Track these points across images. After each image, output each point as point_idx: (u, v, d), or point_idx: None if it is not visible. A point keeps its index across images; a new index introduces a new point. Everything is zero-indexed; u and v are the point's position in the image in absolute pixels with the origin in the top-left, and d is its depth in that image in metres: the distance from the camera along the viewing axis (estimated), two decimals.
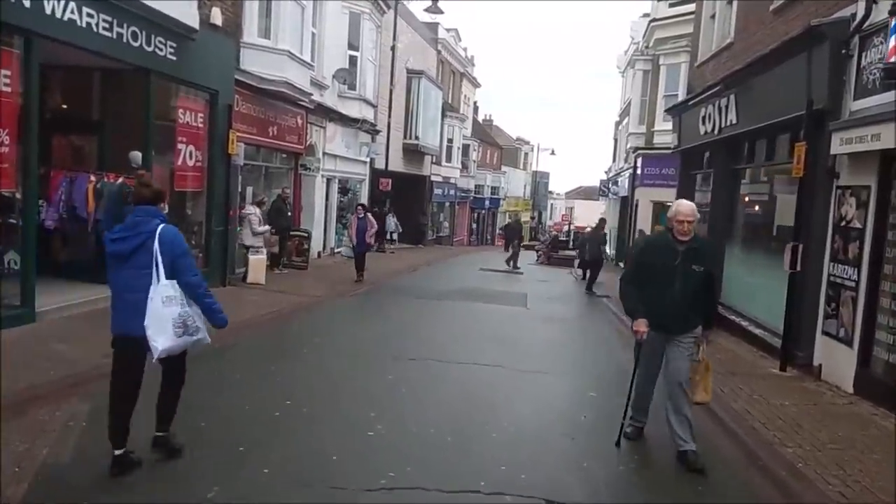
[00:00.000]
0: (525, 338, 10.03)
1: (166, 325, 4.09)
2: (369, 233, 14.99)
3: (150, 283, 4.09)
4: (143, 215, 4.22)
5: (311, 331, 9.25)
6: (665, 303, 5.05)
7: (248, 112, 13.75)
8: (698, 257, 5.10)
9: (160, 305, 4.09)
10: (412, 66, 27.49)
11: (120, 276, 4.20)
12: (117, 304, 4.25)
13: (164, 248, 4.13)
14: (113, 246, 4.20)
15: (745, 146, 11.67)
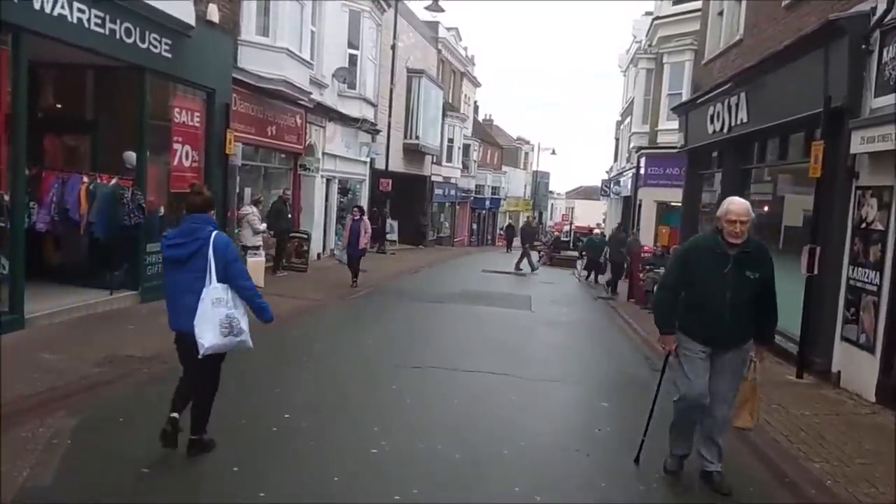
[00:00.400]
0: (531, 343, 9.74)
1: (213, 324, 4.36)
2: (363, 237, 14.24)
3: (202, 284, 4.37)
4: (198, 223, 4.52)
5: (311, 336, 8.95)
6: (714, 315, 4.47)
7: (246, 111, 13.45)
8: (753, 263, 4.50)
9: (210, 306, 4.37)
10: (412, 65, 27.19)
11: (177, 279, 4.51)
12: (174, 305, 4.57)
13: (217, 253, 4.42)
14: (171, 251, 4.52)
15: (755, 145, 11.37)
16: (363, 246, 14.24)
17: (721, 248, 4.49)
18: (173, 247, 4.52)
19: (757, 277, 4.51)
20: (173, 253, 4.51)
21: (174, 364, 6.99)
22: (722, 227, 4.51)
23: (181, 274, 4.47)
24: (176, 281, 4.53)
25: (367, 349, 8.32)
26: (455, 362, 7.88)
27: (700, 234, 4.77)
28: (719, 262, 4.46)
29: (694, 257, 4.65)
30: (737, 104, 11.33)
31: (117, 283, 9.70)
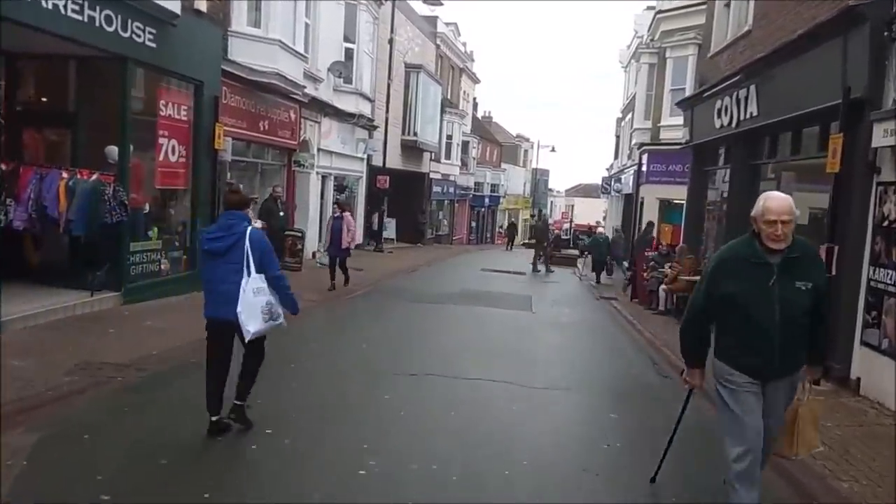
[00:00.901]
0: (533, 347, 9.29)
1: (256, 311, 4.78)
2: (347, 236, 13.02)
3: (241, 276, 4.75)
4: (234, 219, 4.92)
5: (302, 341, 8.47)
6: (761, 339, 3.64)
7: (237, 105, 13.00)
8: (802, 270, 3.70)
9: (251, 295, 4.76)
10: (410, 60, 26.70)
11: (215, 270, 4.88)
12: (213, 294, 4.92)
13: (253, 246, 4.82)
14: (210, 244, 4.90)
15: (766, 140, 10.94)
16: (346, 246, 13.16)
17: (760, 257, 3.66)
18: (212, 240, 4.90)
19: (809, 288, 3.67)
20: (213, 246, 4.88)
21: (152, 372, 6.61)
22: (759, 230, 3.69)
23: (220, 265, 4.86)
24: (215, 272, 4.90)
25: (361, 354, 7.88)
26: (454, 369, 7.43)
27: (733, 242, 3.99)
28: (760, 273, 3.64)
29: (727, 271, 3.76)
30: (746, 97, 10.89)
31: (99, 283, 9.25)
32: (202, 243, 5.07)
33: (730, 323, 3.75)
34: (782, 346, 3.66)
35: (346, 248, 13.17)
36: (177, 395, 5.85)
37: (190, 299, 10.54)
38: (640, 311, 13.42)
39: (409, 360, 7.78)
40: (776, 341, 3.64)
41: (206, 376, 5.03)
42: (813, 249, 4.03)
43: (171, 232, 11.15)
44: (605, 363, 8.89)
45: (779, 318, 3.62)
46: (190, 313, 9.44)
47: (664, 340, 10.18)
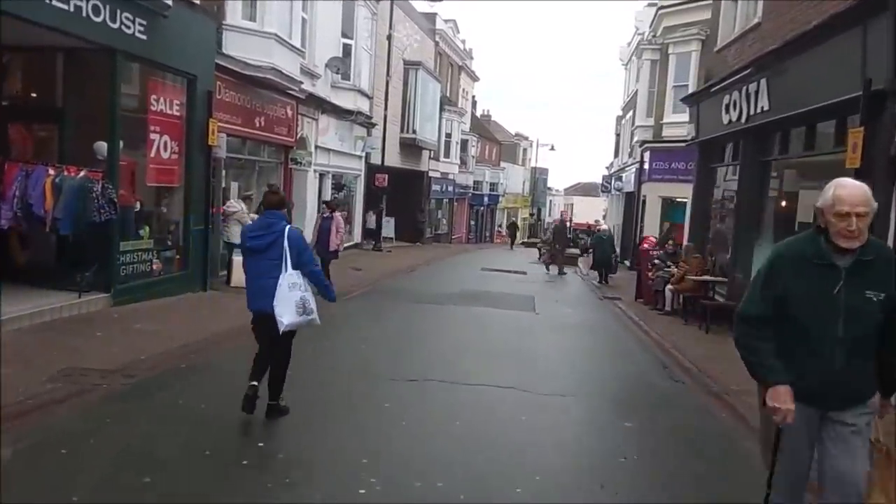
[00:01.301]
0: (538, 349, 8.95)
1: (290, 305, 5.04)
2: (335, 237, 12.53)
3: (279, 271, 5.05)
4: (273, 218, 5.24)
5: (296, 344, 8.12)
6: (820, 358, 3.05)
7: (232, 101, 12.64)
8: (875, 275, 3.06)
9: (287, 290, 5.05)
10: (409, 56, 26.35)
11: (256, 265, 5.22)
12: (254, 289, 5.24)
13: (291, 244, 5.12)
14: (252, 241, 5.24)
15: (777, 136, 10.61)
16: (335, 248, 12.62)
17: (826, 257, 3.07)
18: (253, 238, 5.25)
19: (881, 298, 3.03)
20: (254, 243, 5.22)
21: (139, 378, 6.26)
22: (827, 225, 3.08)
23: (260, 261, 5.18)
24: (256, 267, 5.23)
25: (359, 358, 7.53)
26: (455, 373, 7.09)
27: (793, 238, 3.43)
28: (824, 277, 3.06)
29: (784, 271, 3.16)
30: (756, 91, 10.55)
31: (87, 284, 8.90)
32: (243, 241, 5.45)
33: (782, 335, 3.13)
34: (845, 366, 3.02)
35: (333, 251, 12.62)
36: (164, 403, 5.50)
37: (183, 300, 10.23)
38: (645, 312, 13.09)
39: (409, 364, 7.44)
40: (838, 361, 3.02)
41: (251, 367, 5.30)
42: (890, 252, 3.34)
43: (164, 231, 10.81)
44: (613, 367, 8.54)
45: (842, 333, 3.01)
46: (183, 315, 9.14)
47: (672, 342, 9.85)
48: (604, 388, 7.18)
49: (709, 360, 8.67)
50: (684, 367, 8.32)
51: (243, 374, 6.43)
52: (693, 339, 10.25)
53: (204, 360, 7.04)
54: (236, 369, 6.80)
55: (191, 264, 10.92)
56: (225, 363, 7.00)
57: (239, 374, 6.60)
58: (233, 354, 7.41)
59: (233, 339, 8.11)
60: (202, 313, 9.38)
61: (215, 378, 6.43)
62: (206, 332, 8.22)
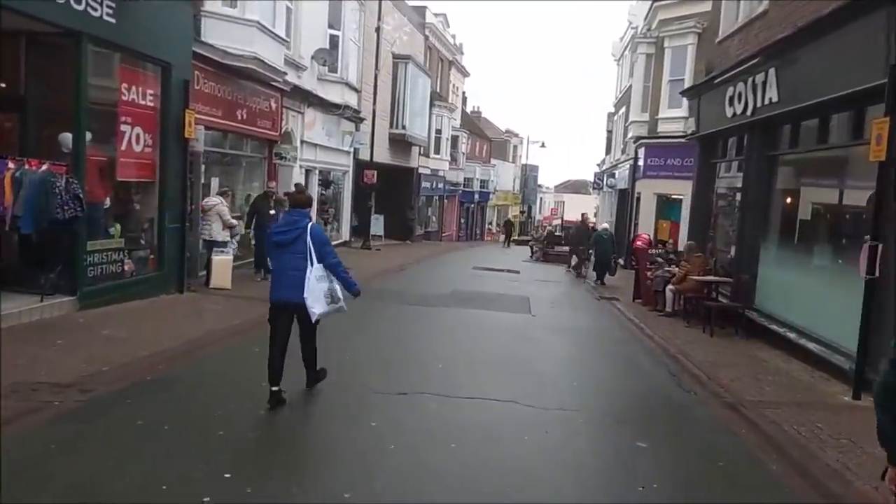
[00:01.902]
0: (536, 356, 8.36)
1: (319, 296, 5.51)
2: None
3: (305, 264, 5.48)
4: (297, 216, 5.72)
5: None
6: None
7: (212, 92, 11.98)
8: None
9: (315, 282, 5.47)
10: (398, 50, 25.69)
11: (282, 259, 5.62)
12: (280, 280, 5.65)
13: (314, 239, 5.57)
14: (278, 237, 5.67)
15: (786, 129, 10.09)
16: None
17: None
18: (280, 234, 5.70)
19: None
20: (280, 238, 5.66)
21: (98, 394, 5.62)
22: None
23: (286, 255, 5.60)
24: (282, 261, 5.65)
25: (343, 368, 6.90)
26: (450, 385, 6.50)
27: None
28: None
29: None
30: (764, 82, 10.02)
31: (51, 286, 8.25)
32: (271, 236, 5.86)
33: None
34: None
35: None
36: (122, 424, 4.88)
37: (157, 303, 9.58)
38: (644, 313, 12.55)
39: (399, 375, 6.84)
40: None
41: (269, 353, 5.68)
42: None
43: (137, 229, 10.13)
44: (618, 375, 7.96)
45: None
46: (155, 320, 8.48)
47: (677, 346, 9.31)
48: (611, 400, 6.59)
49: (717, 367, 8.14)
50: (693, 375, 7.78)
51: (210, 388, 5.84)
52: (698, 342, 9.71)
53: (174, 371, 6.40)
54: (211, 382, 6.24)
55: (166, 264, 10.26)
56: (198, 375, 6.39)
57: (214, 387, 6.06)
58: (208, 365, 6.84)
59: (203, 348, 7.53)
60: (177, 317, 8.73)
61: (185, 393, 5.80)
62: (180, 339, 7.59)
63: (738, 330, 10.48)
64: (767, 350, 9.29)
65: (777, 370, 8.15)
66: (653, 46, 22.87)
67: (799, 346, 8.69)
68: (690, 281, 11.70)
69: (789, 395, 7.01)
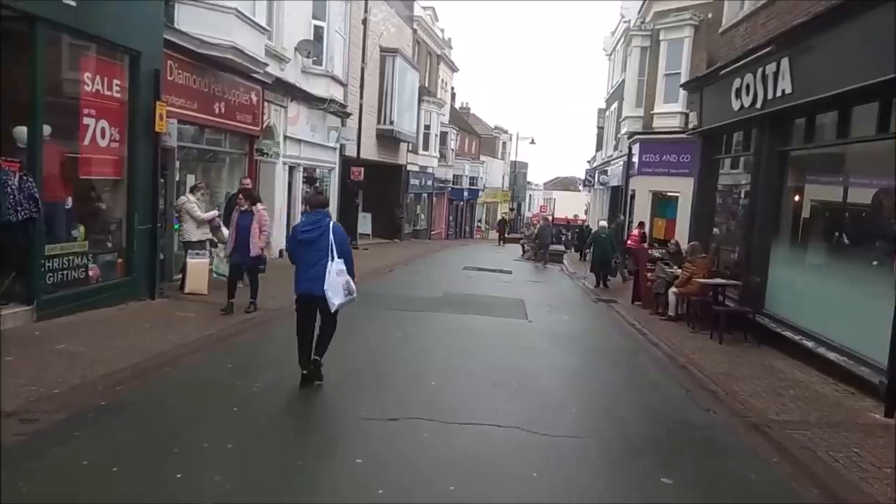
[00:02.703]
0: (537, 369, 7.68)
1: (339, 288, 6.06)
2: (258, 239, 9.30)
3: (326, 259, 6.04)
4: (319, 215, 6.34)
5: (252, 367, 6.82)
6: None
7: (187, 83, 11.22)
8: None
9: (335, 276, 6.03)
10: (386, 43, 24.94)
11: (307, 255, 6.15)
12: (305, 274, 6.15)
13: (336, 237, 6.16)
14: (304, 235, 6.21)
15: (800, 122, 9.49)
16: (258, 252, 9.39)
17: None
18: (305, 232, 6.18)
19: None
20: (305, 236, 6.15)
21: (42, 423, 4.87)
22: None
23: (310, 252, 6.09)
24: (306, 257, 6.12)
25: (327, 387, 6.22)
26: (445, 407, 5.82)
27: None
28: None
29: None
30: (776, 72, 9.41)
31: (4, 295, 7.50)
32: (296, 235, 6.35)
33: None
34: None
35: (256, 256, 9.41)
36: (63, 468, 4.14)
37: (126, 312, 8.85)
38: (645, 317, 11.94)
39: (388, 396, 6.14)
40: None
41: (297, 341, 6.27)
42: None
43: (103, 231, 9.38)
44: (628, 392, 7.24)
45: None
46: (121, 331, 7.71)
47: (686, 355, 8.70)
48: (625, 424, 5.88)
49: (732, 379, 7.52)
50: (707, 390, 7.15)
51: (182, 414, 5.14)
52: (707, 351, 9.10)
53: (133, 394, 5.68)
54: (174, 408, 5.50)
55: (136, 269, 9.51)
56: (160, 399, 5.65)
57: (176, 414, 5.32)
58: (172, 385, 6.10)
59: (177, 361, 6.81)
60: (144, 328, 7.98)
61: (143, 423, 5.08)
62: (147, 353, 6.85)
63: (746, 336, 9.89)
64: (782, 359, 8.69)
65: (796, 383, 7.54)
66: (647, 39, 22.27)
67: (817, 356, 8.09)
68: (695, 283, 11.10)
69: (816, 413, 6.39)
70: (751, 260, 10.47)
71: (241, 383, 6.05)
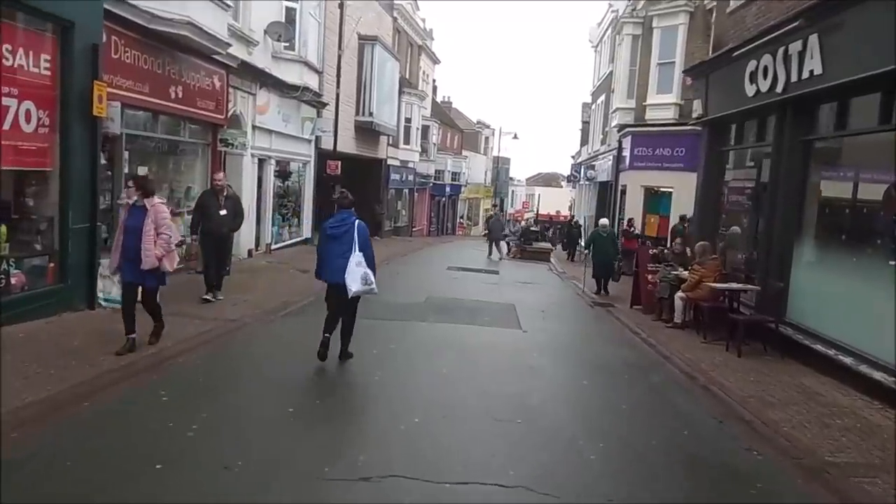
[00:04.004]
0: (541, 398, 6.41)
1: (357, 277, 6.86)
2: (154, 246, 6.58)
3: (349, 252, 6.88)
4: (346, 214, 7.15)
5: (191, 401, 5.56)
6: None
7: (136, 63, 9.91)
8: None
9: (355, 266, 6.87)
10: (364, 31, 23.61)
11: (333, 249, 7.00)
12: (330, 266, 7.00)
13: (360, 234, 7.00)
14: (332, 231, 7.05)
15: (827, 108, 8.43)
16: (153, 264, 6.60)
17: None
18: (333, 228, 7.07)
19: None
20: (333, 232, 7.05)
21: None
22: None
23: (336, 246, 7.00)
24: (332, 250, 7.01)
25: (278, 433, 4.99)
26: (432, 458, 4.63)
27: None
28: None
29: None
30: (801, 52, 8.34)
31: None
32: (326, 230, 7.11)
33: None
34: None
35: (152, 270, 6.66)
36: None
37: (54, 325, 7.52)
38: (649, 324, 10.86)
39: (359, 442, 4.92)
40: None
41: (324, 324, 7.05)
42: None
43: (30, 231, 8.05)
44: (652, 426, 5.83)
45: None
46: (37, 351, 6.28)
47: (706, 373, 7.60)
48: (657, 476, 4.65)
49: (767, 405, 6.44)
50: (743, 420, 6.04)
51: (91, 469, 3.89)
52: (727, 366, 8.02)
53: (30, 444, 4.42)
54: (83, 460, 4.22)
55: (70, 275, 8.19)
56: (66, 448, 4.39)
57: (84, 469, 3.95)
58: (85, 429, 4.80)
59: (106, 391, 5.54)
60: (73, 346, 6.69)
61: (41, 482, 3.83)
62: (65, 382, 5.57)
63: (766, 347, 8.84)
64: (813, 376, 7.63)
65: (841, 409, 6.46)
66: (639, 27, 21.19)
67: (858, 375, 7.04)
68: (704, 287, 10.03)
69: (878, 452, 5.32)
70: (769, 262, 9.42)
71: (175, 426, 4.80)
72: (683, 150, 18.90)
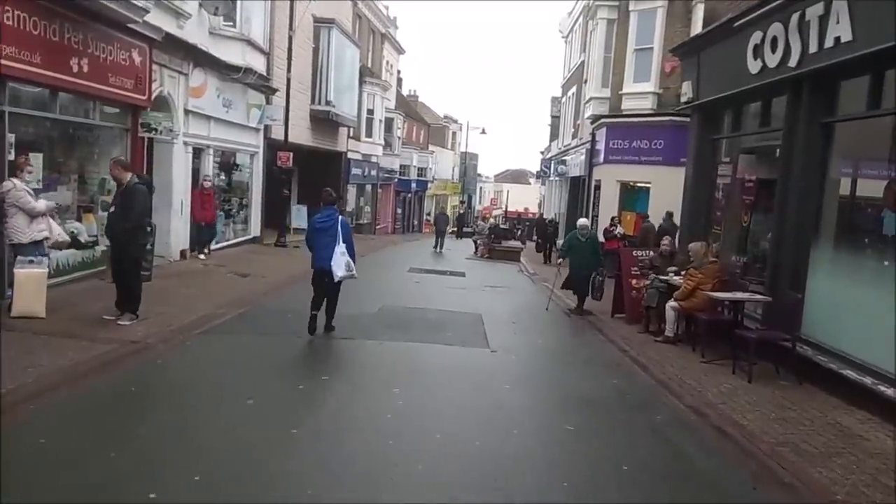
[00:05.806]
0: (515, 456, 4.88)
1: (341, 264, 8.08)
2: None
3: (335, 243, 8.10)
4: (330, 210, 8.42)
5: (78, 453, 3.90)
6: None
7: (24, 27, 8.09)
8: None
9: (339, 255, 8.07)
10: (320, 13, 21.82)
11: (320, 239, 8.20)
12: (319, 254, 8.22)
13: (343, 228, 8.26)
14: (320, 224, 8.30)
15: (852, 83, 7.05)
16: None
17: None
18: (321, 222, 8.29)
19: None
20: (322, 225, 8.26)
21: None
22: None
23: (324, 237, 8.16)
24: (321, 241, 8.18)
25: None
26: None
27: None
28: None
29: None
30: (822, 16, 6.94)
31: None
32: (315, 224, 8.42)
33: None
34: None
35: None
36: None
37: None
38: (635, 337, 9.43)
39: None
40: None
41: (311, 306, 8.21)
42: None
43: None
44: (667, 496, 4.48)
45: None
46: None
47: (718, 410, 6.14)
48: None
49: (805, 455, 5.02)
50: (784, 484, 4.59)
51: None
52: (739, 396, 6.58)
53: None
54: None
55: None
56: None
57: None
58: None
59: None
60: None
61: None
62: None
63: (779, 369, 7.46)
64: (843, 409, 6.23)
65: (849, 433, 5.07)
66: (615, 11, 19.86)
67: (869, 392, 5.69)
68: (701, 296, 8.62)
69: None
70: (779, 268, 8.03)
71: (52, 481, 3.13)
72: (662, 143, 17.63)
